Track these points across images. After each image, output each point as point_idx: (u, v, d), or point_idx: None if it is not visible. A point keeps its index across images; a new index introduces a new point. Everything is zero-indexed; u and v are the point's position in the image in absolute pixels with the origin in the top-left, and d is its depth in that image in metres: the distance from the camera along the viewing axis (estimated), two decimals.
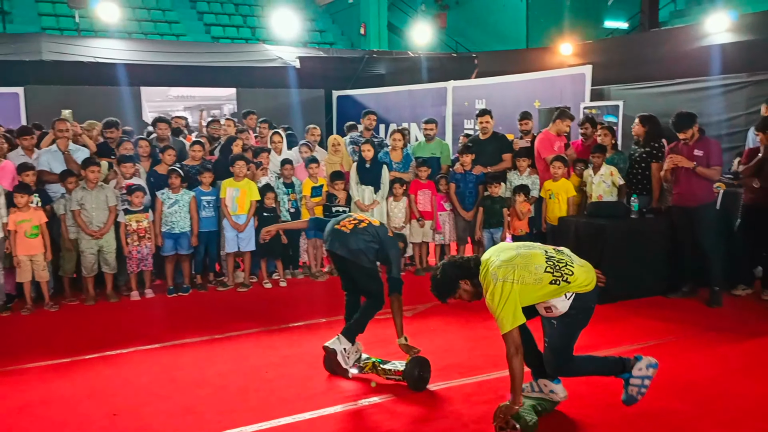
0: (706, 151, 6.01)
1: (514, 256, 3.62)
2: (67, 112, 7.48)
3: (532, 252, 3.64)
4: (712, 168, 6.00)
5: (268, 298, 6.88)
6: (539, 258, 3.59)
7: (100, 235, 6.58)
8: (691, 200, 6.10)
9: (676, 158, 6.08)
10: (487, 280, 3.60)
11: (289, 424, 3.80)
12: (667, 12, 18.59)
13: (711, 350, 4.92)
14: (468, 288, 3.80)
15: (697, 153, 6.02)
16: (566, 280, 3.55)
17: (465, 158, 7.60)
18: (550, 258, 3.61)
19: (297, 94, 12.54)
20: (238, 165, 7.04)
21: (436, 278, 3.83)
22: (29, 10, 17.09)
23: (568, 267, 3.59)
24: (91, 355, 5.07)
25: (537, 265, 3.55)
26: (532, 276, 3.52)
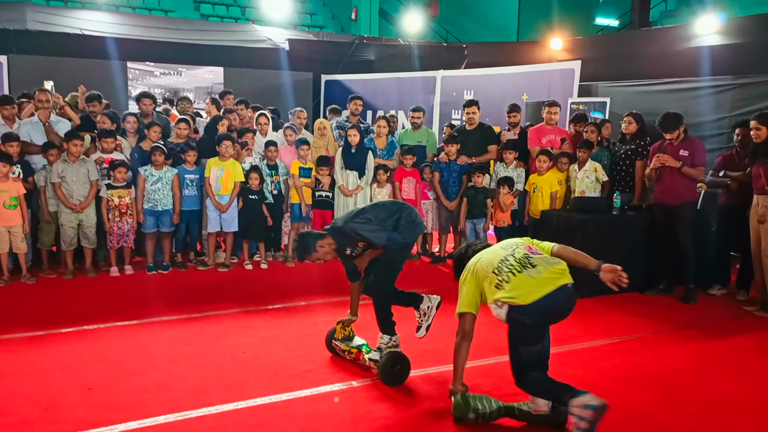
0: (691, 152, 6.11)
1: (494, 249, 3.67)
2: (49, 84, 7.36)
3: (501, 249, 3.64)
4: (697, 168, 6.11)
5: (248, 279, 6.87)
6: (499, 256, 3.57)
7: (80, 208, 6.52)
8: (673, 198, 6.20)
9: (663, 157, 6.17)
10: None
11: (265, 404, 3.81)
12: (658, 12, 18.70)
13: (683, 346, 5.00)
14: None
15: (682, 153, 6.12)
16: (500, 287, 3.46)
17: (450, 148, 7.61)
18: (506, 260, 3.53)
19: (285, 77, 12.46)
20: (225, 145, 6.99)
21: None
22: None
23: (510, 274, 3.45)
24: (66, 329, 5.03)
25: (495, 263, 3.54)
26: (486, 271, 3.54)
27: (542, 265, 3.50)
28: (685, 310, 5.98)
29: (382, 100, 11.93)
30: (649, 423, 3.69)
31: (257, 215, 7.27)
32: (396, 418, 3.69)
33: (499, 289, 3.46)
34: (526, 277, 3.43)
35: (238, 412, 3.70)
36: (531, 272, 3.46)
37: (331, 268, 7.30)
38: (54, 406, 3.72)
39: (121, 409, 3.68)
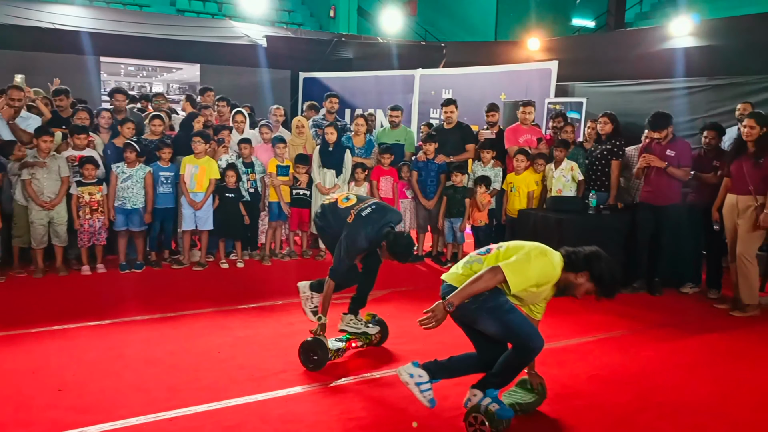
0: (677, 152, 6.18)
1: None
2: (20, 77, 7.19)
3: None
4: (682, 168, 6.17)
5: (224, 278, 6.79)
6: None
7: (51, 206, 6.39)
8: (659, 199, 6.27)
9: (649, 157, 6.24)
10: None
11: (240, 405, 3.76)
12: (633, 13, 18.90)
13: (657, 345, 5.05)
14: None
15: (669, 153, 6.19)
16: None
17: (428, 147, 7.61)
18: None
19: (263, 74, 12.37)
20: (195, 141, 6.90)
21: None
22: None
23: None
24: (37, 329, 4.93)
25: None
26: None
27: None
28: (658, 309, 6.05)
29: (360, 99, 11.89)
30: (624, 424, 3.71)
31: (234, 213, 7.19)
32: (371, 418, 3.67)
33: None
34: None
35: (213, 413, 3.65)
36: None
37: (308, 267, 7.29)
38: (25, 407, 3.64)
39: (93, 411, 3.61)
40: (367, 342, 4.71)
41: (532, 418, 3.73)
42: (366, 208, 4.48)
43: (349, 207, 4.51)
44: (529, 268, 3.39)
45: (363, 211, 4.46)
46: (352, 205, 4.52)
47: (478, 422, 3.49)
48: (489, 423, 3.43)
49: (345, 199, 4.59)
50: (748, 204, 5.74)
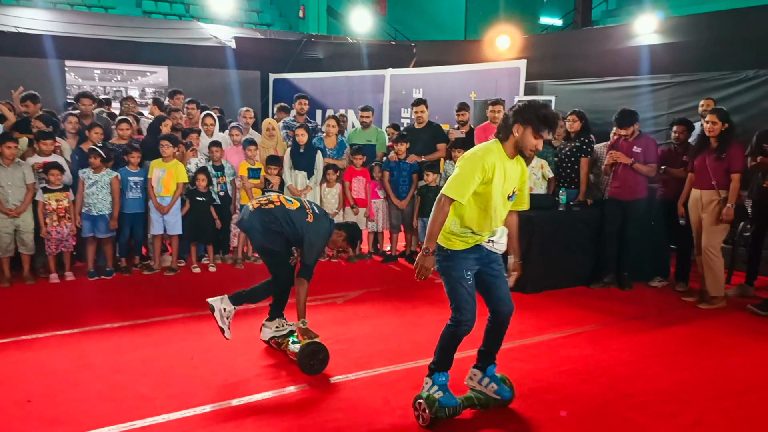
0: (644, 149, 6.31)
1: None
2: None
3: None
4: (649, 165, 6.29)
5: (196, 282, 6.72)
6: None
7: (16, 213, 6.26)
8: (627, 194, 6.39)
9: (616, 154, 6.35)
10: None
11: (214, 411, 3.73)
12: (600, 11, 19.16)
13: (627, 337, 5.13)
14: None
15: (635, 150, 6.31)
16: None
17: (399, 147, 7.62)
18: None
19: (232, 75, 12.26)
20: (164, 145, 6.82)
21: None
22: None
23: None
24: (3, 340, 4.82)
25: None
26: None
27: None
28: (628, 303, 6.15)
29: (330, 99, 11.86)
30: (596, 414, 3.77)
31: (205, 217, 7.12)
32: (347, 420, 3.66)
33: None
34: None
35: (185, 421, 3.61)
36: None
37: None
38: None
39: (62, 422, 3.55)
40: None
41: (504, 412, 3.76)
42: (314, 207, 4.69)
43: (301, 208, 4.61)
44: (461, 174, 3.42)
45: (314, 209, 4.65)
46: (301, 206, 4.63)
47: (421, 408, 3.60)
48: (429, 410, 3.54)
49: (289, 201, 4.65)
50: (711, 198, 5.86)
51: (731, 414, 3.83)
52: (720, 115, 5.81)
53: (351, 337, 4.93)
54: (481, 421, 3.66)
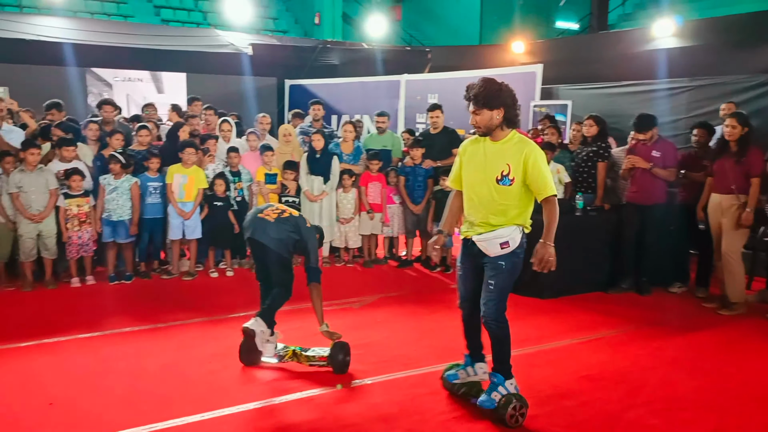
0: (663, 153, 6.26)
1: None
2: (2, 90, 7.15)
3: None
4: (668, 169, 6.25)
5: (214, 287, 6.78)
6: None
7: (39, 219, 6.35)
8: (645, 199, 6.35)
9: (634, 158, 6.32)
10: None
11: (232, 414, 3.76)
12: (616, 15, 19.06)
13: (646, 343, 5.09)
14: None
15: (654, 154, 6.27)
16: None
17: (415, 152, 7.63)
18: None
19: (249, 82, 12.36)
20: (188, 152, 6.90)
21: None
22: None
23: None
24: (26, 343, 4.89)
25: None
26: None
27: None
28: (646, 308, 6.10)
29: (346, 105, 11.92)
30: (615, 421, 3.75)
31: (223, 222, 7.18)
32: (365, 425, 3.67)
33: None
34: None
35: (205, 424, 3.64)
36: None
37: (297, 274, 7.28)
38: (15, 423, 3.62)
39: (84, 425, 3.60)
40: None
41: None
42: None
43: (300, 215, 4.79)
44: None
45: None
46: (300, 213, 4.83)
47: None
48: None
49: (292, 209, 4.82)
50: (731, 203, 5.81)
51: (752, 421, 3.79)
52: (739, 118, 5.77)
53: (368, 342, 4.94)
54: (498, 428, 3.65)
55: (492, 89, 3.55)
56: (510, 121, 3.61)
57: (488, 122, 3.59)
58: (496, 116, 3.56)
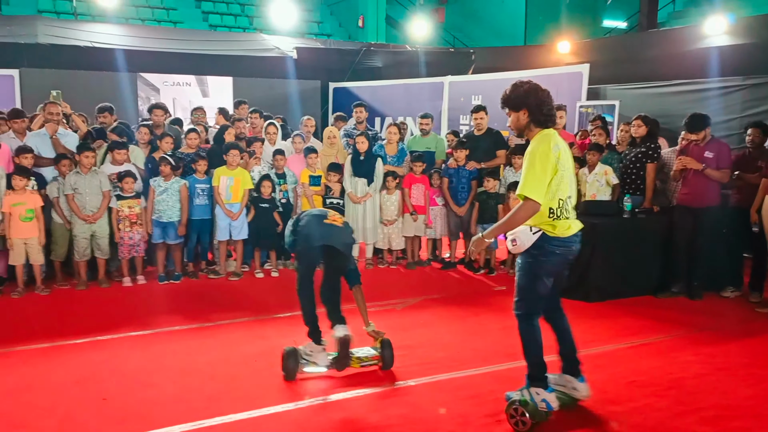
0: (716, 153, 6.08)
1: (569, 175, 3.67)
2: (56, 93, 7.41)
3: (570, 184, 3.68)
4: (721, 170, 6.07)
5: (259, 287, 6.89)
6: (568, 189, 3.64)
7: (93, 219, 6.57)
8: (698, 201, 6.19)
9: (686, 159, 6.17)
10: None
11: (278, 413, 3.82)
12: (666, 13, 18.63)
13: (698, 349, 4.95)
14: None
15: (707, 155, 6.10)
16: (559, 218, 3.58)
17: (459, 154, 7.60)
18: (567, 200, 3.64)
19: (293, 85, 12.52)
20: (232, 153, 7.04)
21: None
22: None
23: (566, 211, 3.64)
24: (80, 340, 5.07)
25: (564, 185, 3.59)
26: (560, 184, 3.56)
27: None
28: (698, 313, 5.93)
29: (389, 107, 11.95)
30: (664, 428, 3.66)
31: (268, 223, 7.30)
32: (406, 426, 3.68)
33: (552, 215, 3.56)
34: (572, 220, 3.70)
35: (251, 422, 3.71)
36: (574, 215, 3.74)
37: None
38: (70, 418, 3.75)
39: (135, 420, 3.71)
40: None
41: (568, 424, 3.70)
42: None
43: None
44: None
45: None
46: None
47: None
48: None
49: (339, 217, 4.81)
50: None
51: None
52: None
53: (411, 344, 4.94)
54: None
55: (515, 92, 3.67)
56: (538, 121, 3.65)
57: (516, 123, 3.72)
58: (522, 117, 3.67)
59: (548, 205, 3.53)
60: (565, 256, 3.68)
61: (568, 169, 3.62)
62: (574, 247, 3.70)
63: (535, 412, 3.58)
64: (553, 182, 3.51)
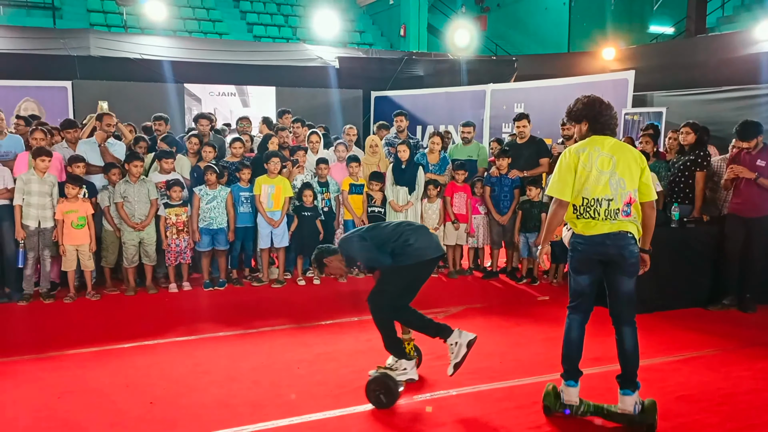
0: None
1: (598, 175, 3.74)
2: (105, 104, 7.64)
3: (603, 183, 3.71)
4: None
5: (301, 294, 6.95)
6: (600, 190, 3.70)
7: (141, 227, 6.74)
8: (750, 211, 6.02)
9: (737, 168, 6.00)
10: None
11: (320, 420, 3.84)
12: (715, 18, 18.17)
13: (751, 364, 4.79)
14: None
15: (759, 163, 5.94)
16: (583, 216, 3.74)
17: (501, 162, 7.55)
18: (598, 201, 3.70)
19: (336, 94, 12.62)
20: (273, 162, 7.13)
21: None
22: (78, 7, 17.58)
23: (593, 211, 3.71)
24: (129, 344, 5.20)
25: (596, 193, 3.69)
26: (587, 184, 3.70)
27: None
28: (750, 327, 5.74)
29: (431, 116, 11.95)
30: None
31: (311, 231, 7.36)
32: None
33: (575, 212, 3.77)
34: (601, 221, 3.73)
35: (294, 428, 3.74)
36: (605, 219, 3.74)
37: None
38: (118, 421, 3.85)
39: (181, 424, 3.78)
40: None
41: None
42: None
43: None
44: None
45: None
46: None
47: None
48: None
49: None
50: None
51: None
52: None
53: None
54: None
55: (574, 108, 4.00)
56: (596, 130, 3.86)
57: (579, 134, 3.98)
58: (582, 128, 3.93)
59: (573, 202, 3.75)
60: (587, 254, 3.77)
61: (601, 171, 3.68)
62: (599, 248, 3.73)
63: (551, 399, 3.89)
64: (576, 182, 3.71)
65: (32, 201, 6.36)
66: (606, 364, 4.42)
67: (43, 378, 4.50)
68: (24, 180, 6.36)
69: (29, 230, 6.37)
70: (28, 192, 6.35)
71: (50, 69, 10.91)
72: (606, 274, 3.81)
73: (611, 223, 3.69)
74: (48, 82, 10.58)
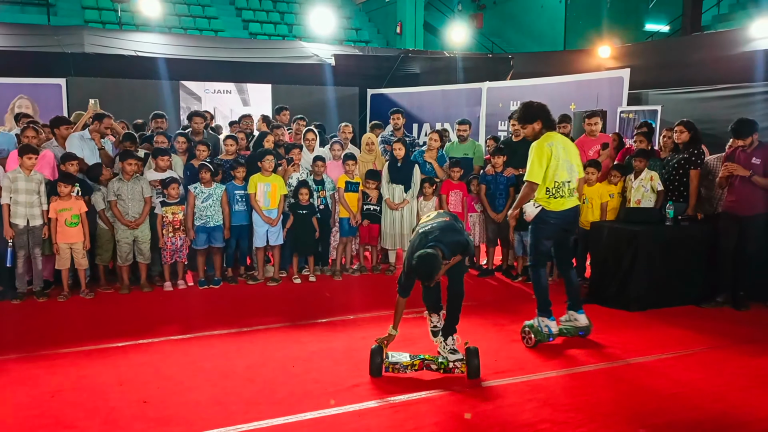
0: (764, 160, 5.92)
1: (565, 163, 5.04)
2: (94, 101, 7.60)
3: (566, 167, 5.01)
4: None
5: (297, 293, 6.94)
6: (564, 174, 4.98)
7: (135, 225, 6.72)
8: (744, 209, 6.03)
9: (732, 166, 6.01)
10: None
11: (315, 418, 3.84)
12: (710, 16, 18.21)
13: (744, 361, 4.81)
14: None
15: (755, 161, 5.95)
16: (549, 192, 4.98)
17: (496, 160, 7.55)
18: (564, 183, 4.99)
19: (331, 92, 12.60)
20: (267, 159, 7.11)
21: None
22: (73, 4, 17.54)
23: (562, 191, 5.00)
24: (123, 343, 5.18)
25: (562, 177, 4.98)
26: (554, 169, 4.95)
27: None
28: (744, 324, 5.76)
29: (428, 113, 11.95)
30: None
31: (307, 229, 7.35)
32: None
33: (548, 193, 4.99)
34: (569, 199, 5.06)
35: (288, 426, 3.73)
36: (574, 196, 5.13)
37: (378, 282, 7.36)
38: (112, 419, 3.83)
39: (174, 423, 3.77)
40: (442, 368, 4.53)
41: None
42: (426, 225, 4.67)
43: (418, 225, 4.86)
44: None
45: (423, 227, 4.66)
46: (420, 223, 4.84)
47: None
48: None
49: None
50: None
51: None
52: None
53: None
54: None
55: (527, 111, 5.20)
56: (549, 127, 5.12)
57: (532, 131, 5.17)
58: (536, 127, 5.13)
59: (545, 185, 4.94)
60: (559, 225, 5.08)
61: (563, 159, 4.95)
62: (568, 218, 5.08)
63: (539, 333, 5.06)
64: (549, 169, 4.90)
65: (20, 199, 6.33)
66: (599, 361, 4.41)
67: (36, 376, 4.48)
68: (11, 178, 6.32)
69: (18, 229, 6.35)
70: (15, 190, 6.32)
71: (45, 66, 10.88)
72: (562, 237, 5.18)
73: (574, 199, 5.07)
74: (42, 79, 10.55)
